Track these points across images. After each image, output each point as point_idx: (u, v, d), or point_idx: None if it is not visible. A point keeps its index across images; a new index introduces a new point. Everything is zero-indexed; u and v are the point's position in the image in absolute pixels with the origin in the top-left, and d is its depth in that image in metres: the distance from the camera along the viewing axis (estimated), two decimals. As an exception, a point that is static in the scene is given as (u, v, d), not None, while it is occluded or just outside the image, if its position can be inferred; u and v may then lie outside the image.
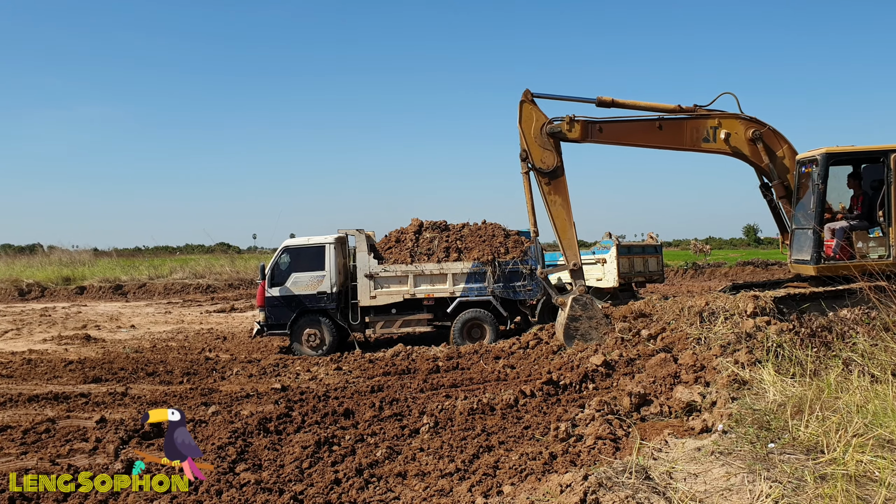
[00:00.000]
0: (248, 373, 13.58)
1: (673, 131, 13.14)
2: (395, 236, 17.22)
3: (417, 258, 16.42)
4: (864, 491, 4.80)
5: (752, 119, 13.06)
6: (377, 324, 16.41)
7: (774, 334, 10.06)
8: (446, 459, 7.52)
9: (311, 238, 16.43)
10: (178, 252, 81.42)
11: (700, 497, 5.06)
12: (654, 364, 10.46)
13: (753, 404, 7.52)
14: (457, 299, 16.24)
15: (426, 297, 16.30)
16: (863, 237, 11.82)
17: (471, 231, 17.23)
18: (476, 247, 16.59)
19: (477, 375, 12.30)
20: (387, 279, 16.21)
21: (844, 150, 12.01)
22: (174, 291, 35.48)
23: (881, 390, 7.03)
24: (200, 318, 24.65)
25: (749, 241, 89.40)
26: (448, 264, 16.26)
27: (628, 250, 19.57)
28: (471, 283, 16.29)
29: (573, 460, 7.09)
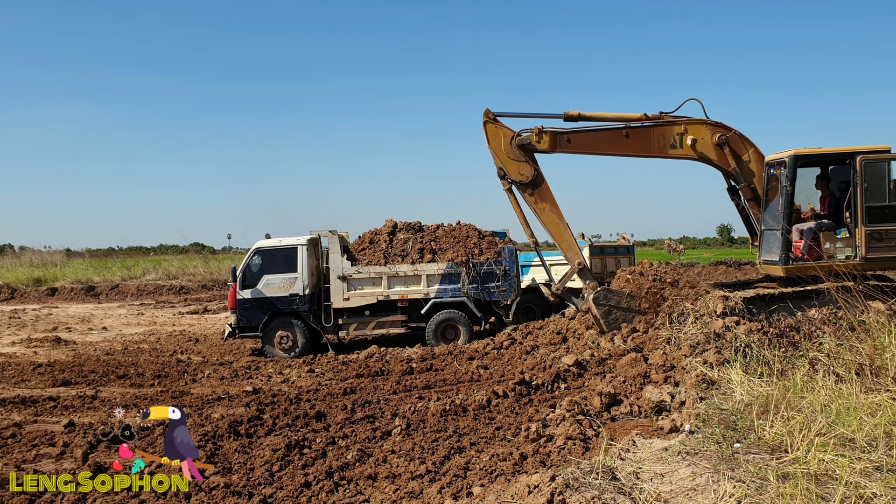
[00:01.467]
0: (219, 375, 13.48)
1: (640, 139, 13.28)
2: (368, 237, 17.17)
3: (391, 259, 16.39)
4: (823, 489, 4.88)
5: (717, 124, 13.20)
6: (350, 326, 16.37)
7: (743, 334, 10.19)
8: (417, 461, 7.52)
9: (284, 240, 16.34)
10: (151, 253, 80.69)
11: (665, 497, 5.11)
12: (624, 364, 10.54)
13: (721, 404, 7.61)
14: (431, 300, 16.24)
15: (400, 298, 16.28)
16: (830, 238, 12.00)
17: (445, 232, 17.23)
18: (450, 248, 16.61)
19: (450, 376, 12.31)
20: (360, 281, 16.17)
21: (812, 152, 12.20)
22: (147, 293, 35.13)
23: (845, 390, 7.14)
24: (173, 320, 24.44)
25: (723, 240, 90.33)
26: (422, 265, 16.26)
27: (601, 251, 19.71)
28: (445, 284, 16.30)
29: (543, 461, 7.12)
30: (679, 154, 13.29)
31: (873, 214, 11.51)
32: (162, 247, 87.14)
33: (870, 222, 11.49)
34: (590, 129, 13.51)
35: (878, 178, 11.59)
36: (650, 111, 13.29)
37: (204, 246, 79.29)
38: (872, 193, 11.55)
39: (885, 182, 11.61)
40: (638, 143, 13.28)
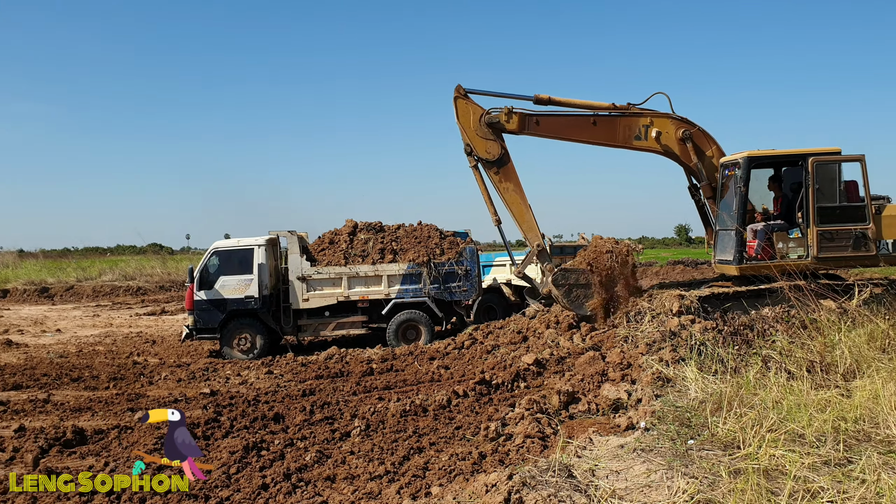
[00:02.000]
0: (176, 377, 13.29)
1: (607, 128, 13.44)
2: (328, 238, 17.08)
3: (352, 260, 16.32)
4: (774, 484, 4.98)
5: (682, 119, 13.40)
6: (310, 327, 16.27)
7: (698, 332, 10.36)
8: (376, 462, 7.50)
9: (242, 240, 16.16)
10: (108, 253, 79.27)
11: (620, 494, 5.16)
12: (583, 362, 10.64)
13: (676, 401, 7.73)
14: (392, 301, 16.21)
15: (361, 299, 16.22)
16: (782, 238, 12.26)
17: (406, 232, 17.21)
18: (411, 248, 16.59)
19: (411, 377, 12.30)
20: (320, 281, 16.08)
21: (765, 153, 12.46)
22: (103, 294, 34.48)
23: (796, 386, 7.30)
24: (130, 322, 24.01)
25: (680, 240, 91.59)
26: (383, 266, 16.22)
27: (560, 251, 19.83)
28: (406, 284, 16.28)
29: (502, 459, 7.16)
30: (643, 146, 13.48)
31: (824, 215, 11.78)
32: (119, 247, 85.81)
33: (821, 222, 11.76)
34: (558, 114, 13.62)
35: (828, 180, 11.86)
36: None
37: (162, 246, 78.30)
38: (823, 194, 11.83)
39: (835, 183, 11.89)
40: (604, 132, 13.45)
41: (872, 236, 11.69)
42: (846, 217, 11.84)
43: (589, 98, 13.69)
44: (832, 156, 11.92)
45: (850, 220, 11.79)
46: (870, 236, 11.69)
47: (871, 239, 11.70)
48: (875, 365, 7.77)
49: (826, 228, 11.77)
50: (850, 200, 11.91)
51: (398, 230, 17.30)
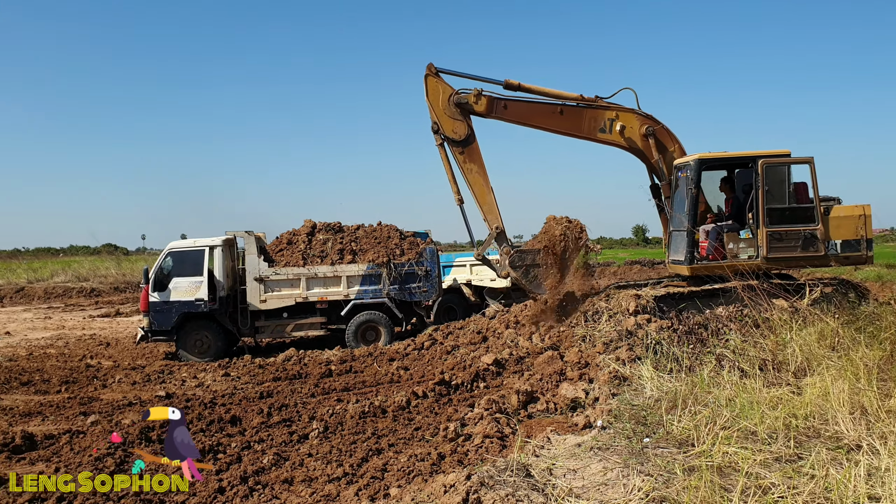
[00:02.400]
0: (131, 380, 13.05)
1: (573, 118, 13.59)
2: (286, 238, 16.90)
3: (310, 261, 16.18)
4: (727, 481, 5.07)
5: (647, 116, 13.56)
6: (268, 328, 16.10)
7: (654, 332, 10.50)
8: (335, 464, 7.46)
9: (198, 241, 15.93)
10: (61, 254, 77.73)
11: (577, 492, 5.21)
12: (541, 362, 10.71)
13: (632, 400, 7.83)
14: (351, 302, 16.11)
15: (319, 300, 16.10)
16: (733, 238, 12.49)
17: (366, 233, 17.12)
18: (371, 249, 16.51)
19: (370, 378, 12.25)
20: (278, 282, 15.91)
21: (716, 155, 12.71)
22: (55, 295, 33.71)
23: (749, 384, 7.45)
24: (83, 324, 23.52)
25: (638, 240, 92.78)
26: (342, 266, 16.12)
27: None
28: (365, 285, 16.20)
29: (461, 460, 7.17)
30: (607, 139, 13.63)
31: (774, 216, 12.01)
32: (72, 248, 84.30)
33: (770, 223, 11.99)
34: (527, 100, 13.69)
35: (778, 181, 12.11)
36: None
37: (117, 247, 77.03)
38: (773, 195, 12.06)
39: (784, 184, 12.14)
40: (570, 122, 13.60)
41: (821, 237, 11.94)
42: (795, 218, 12.08)
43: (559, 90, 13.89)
44: (781, 158, 12.16)
45: (799, 221, 12.03)
46: (818, 237, 11.94)
47: (820, 239, 11.95)
48: (825, 363, 7.95)
49: (775, 229, 12.00)
50: (799, 202, 12.17)
51: (358, 230, 17.21)
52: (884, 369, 7.25)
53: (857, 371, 7.13)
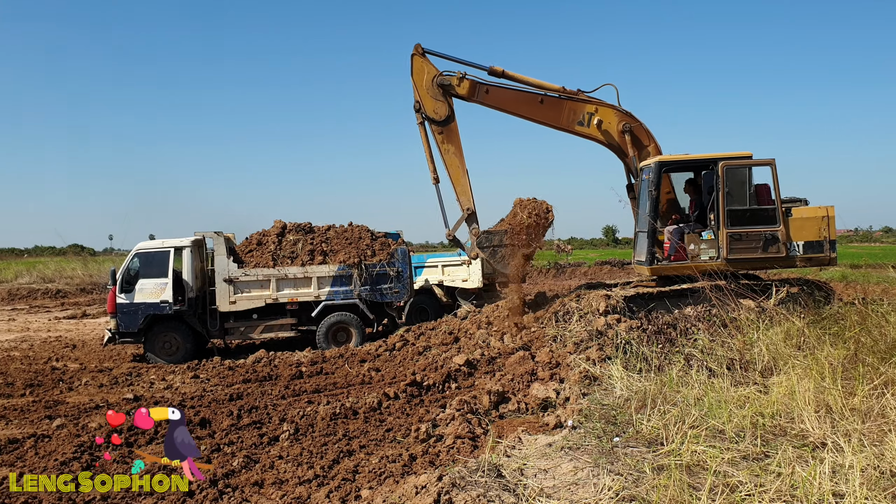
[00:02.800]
0: (98, 383, 12.86)
1: (553, 109, 13.78)
2: (256, 239, 16.75)
3: (280, 261, 16.06)
4: (695, 479, 5.13)
5: (626, 113, 13.70)
6: (237, 329, 15.96)
7: (624, 332, 10.59)
8: (305, 466, 7.41)
9: (165, 241, 15.74)
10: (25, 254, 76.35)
11: (548, 492, 5.23)
12: (513, 362, 10.75)
13: (602, 399, 7.88)
14: (322, 303, 16.03)
15: (290, 301, 15.99)
16: (694, 240, 12.68)
17: (337, 233, 17.03)
18: (342, 249, 16.43)
19: (341, 380, 12.19)
20: (247, 283, 15.78)
21: (676, 158, 12.98)
22: (20, 297, 33.08)
23: (717, 384, 7.54)
24: (48, 326, 23.12)
25: (608, 241, 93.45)
26: (313, 267, 16.02)
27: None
28: (336, 286, 16.12)
29: (432, 461, 7.16)
30: (584, 132, 13.80)
31: (734, 217, 12.18)
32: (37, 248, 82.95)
33: (731, 225, 12.16)
34: (508, 87, 13.90)
35: (738, 183, 12.28)
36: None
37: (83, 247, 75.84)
38: (733, 197, 12.24)
39: (745, 186, 12.29)
40: (550, 112, 13.79)
41: (783, 238, 12.09)
42: (756, 219, 12.24)
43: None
44: (742, 160, 12.32)
45: (760, 223, 12.19)
46: (780, 238, 12.09)
47: (782, 241, 12.10)
48: (791, 362, 8.07)
49: (736, 230, 12.16)
50: (761, 203, 12.32)
51: (328, 231, 17.11)
52: (848, 368, 7.37)
53: (822, 370, 7.25)
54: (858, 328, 8.58)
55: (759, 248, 12.09)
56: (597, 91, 13.79)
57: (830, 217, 12.25)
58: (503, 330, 13.11)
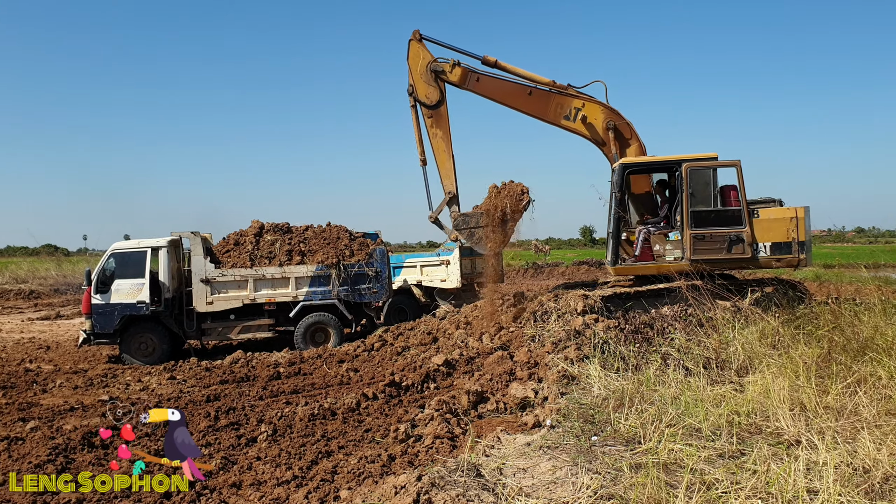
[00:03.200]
0: (72, 384, 12.71)
1: (541, 101, 13.91)
2: (233, 239, 16.65)
3: (258, 262, 15.98)
4: (672, 477, 5.17)
5: (612, 109, 13.73)
6: (215, 330, 15.85)
7: (601, 331, 10.64)
8: (284, 467, 7.38)
9: (141, 241, 15.60)
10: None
11: (527, 491, 5.25)
12: (491, 362, 10.77)
13: (580, 399, 7.93)
14: (300, 303, 15.96)
15: (267, 301, 15.91)
16: (660, 240, 12.83)
17: (315, 233, 16.97)
18: (320, 249, 16.38)
19: (319, 380, 12.15)
20: (224, 284, 15.68)
21: (639, 160, 13.15)
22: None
23: (693, 382, 7.62)
24: (21, 327, 22.83)
25: (585, 241, 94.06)
26: (291, 268, 15.95)
27: (471, 252, 20.04)
28: (315, 286, 16.06)
29: (411, 461, 7.17)
30: (570, 126, 13.88)
31: (698, 218, 12.29)
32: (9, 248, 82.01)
33: (695, 226, 12.27)
34: (499, 77, 14.07)
35: (702, 184, 12.39)
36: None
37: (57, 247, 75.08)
38: (697, 199, 12.35)
39: (709, 188, 12.39)
40: (537, 105, 13.93)
41: (748, 239, 12.13)
42: (721, 221, 12.30)
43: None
44: (706, 161, 12.43)
45: (724, 224, 12.24)
46: (744, 239, 12.13)
47: (746, 242, 12.12)
48: (766, 361, 8.17)
49: (699, 231, 12.27)
50: (727, 205, 12.39)
51: (306, 231, 17.05)
52: (821, 367, 7.48)
53: (796, 369, 7.35)
54: (832, 327, 8.71)
55: (724, 248, 12.14)
56: (587, 87, 13.92)
57: (799, 218, 12.20)
58: (482, 330, 13.14)
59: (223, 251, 16.24)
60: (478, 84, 14.03)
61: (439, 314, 16.08)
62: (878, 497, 4.62)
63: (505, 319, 13.06)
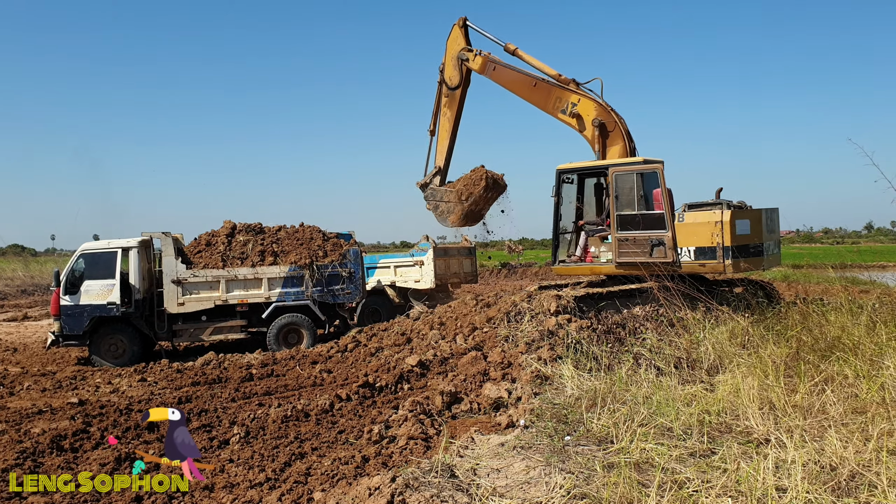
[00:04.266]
0: (41, 387, 12.53)
1: (542, 93, 14.45)
2: (205, 239, 16.50)
3: (230, 262, 15.85)
4: (644, 476, 5.23)
5: (606, 107, 13.76)
6: (186, 332, 15.70)
7: (574, 331, 10.71)
8: (257, 469, 7.34)
9: (111, 242, 15.42)
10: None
11: (501, 491, 5.28)
12: (465, 362, 10.79)
13: (554, 399, 7.98)
14: (273, 304, 15.86)
15: (240, 302, 15.79)
16: (595, 243, 13.10)
17: (288, 234, 16.89)
18: (293, 250, 16.30)
19: (293, 382, 12.09)
20: (196, 285, 15.53)
21: (573, 166, 13.65)
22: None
23: (665, 382, 7.71)
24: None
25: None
26: (263, 268, 15.85)
27: (444, 253, 20.10)
28: (287, 287, 15.98)
29: (385, 462, 7.16)
30: (565, 119, 14.21)
31: (623, 222, 12.48)
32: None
33: (620, 229, 12.44)
34: (511, 68, 14.98)
35: (627, 188, 12.61)
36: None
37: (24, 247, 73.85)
38: (623, 202, 12.52)
39: (633, 192, 12.54)
40: (539, 96, 14.51)
41: (669, 243, 12.14)
42: (645, 224, 12.45)
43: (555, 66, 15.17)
44: (631, 166, 12.62)
45: (649, 227, 12.39)
46: (666, 243, 12.15)
47: (668, 246, 12.12)
48: (736, 360, 8.30)
49: (624, 235, 12.43)
50: (654, 208, 12.51)
51: (279, 232, 16.96)
52: (790, 366, 7.60)
53: (765, 368, 7.46)
54: (800, 327, 8.85)
55: (647, 252, 12.26)
56: (589, 84, 14.20)
57: (725, 223, 11.77)
58: (456, 330, 13.16)
59: (195, 252, 16.10)
60: (494, 73, 15.10)
61: (413, 315, 16.07)
62: (845, 494, 4.71)
63: (479, 320, 13.10)
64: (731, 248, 11.75)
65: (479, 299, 14.83)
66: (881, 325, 8.26)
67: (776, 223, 13.63)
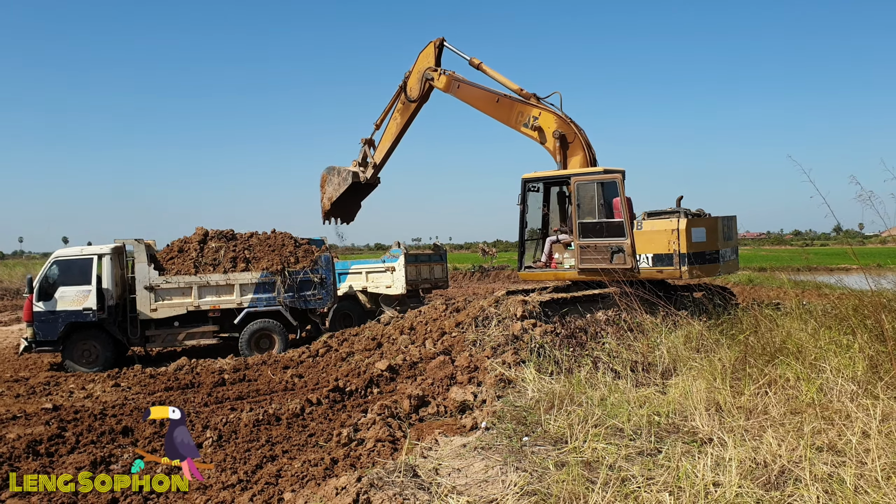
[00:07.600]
0: (14, 392, 12.64)
1: (505, 109, 14.98)
2: (177, 246, 16.67)
3: (202, 269, 16.02)
4: (593, 474, 5.59)
5: (565, 119, 14.24)
6: (159, 337, 15.85)
7: (538, 336, 11.10)
8: (229, 471, 7.58)
9: (85, 249, 15.54)
10: (-74, 259, 72.73)
11: (460, 489, 5.62)
12: (433, 366, 11.12)
13: (515, 401, 8.34)
14: (245, 310, 16.06)
15: (212, 308, 15.98)
16: (559, 249, 13.56)
17: (259, 240, 17.09)
18: (265, 256, 16.51)
19: (264, 386, 12.33)
20: (169, 291, 15.69)
21: (537, 175, 14.20)
22: (-78, 305, 31.71)
23: (621, 385, 8.09)
24: (-45, 335, 22.31)
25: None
26: (235, 275, 16.04)
27: (415, 258, 20.42)
28: (259, 293, 16.17)
29: (353, 464, 7.45)
30: (527, 133, 14.69)
31: (585, 230, 12.94)
32: (-60, 253, 79.05)
33: (582, 236, 12.89)
34: (475, 85, 15.60)
35: (588, 197, 13.11)
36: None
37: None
38: (584, 210, 12.99)
39: (594, 200, 13.05)
40: (502, 112, 15.02)
41: (628, 250, 12.62)
42: (605, 232, 12.95)
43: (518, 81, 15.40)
44: (592, 175, 13.13)
45: (608, 235, 12.90)
46: (625, 250, 12.64)
47: (627, 252, 12.61)
48: (689, 363, 8.69)
49: (585, 242, 12.90)
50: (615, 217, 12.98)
51: (251, 238, 17.16)
52: (738, 369, 8.00)
53: (714, 371, 7.86)
54: (749, 331, 9.27)
55: (607, 258, 12.74)
56: (549, 97, 14.70)
57: (680, 231, 12.22)
58: (425, 335, 13.49)
59: (167, 258, 16.26)
60: (458, 91, 15.60)
61: (384, 320, 16.37)
62: (773, 488, 5.10)
63: (448, 325, 13.45)
64: (688, 255, 12.22)
65: (450, 304, 15.18)
66: (825, 329, 8.68)
67: (733, 230, 14.16)
